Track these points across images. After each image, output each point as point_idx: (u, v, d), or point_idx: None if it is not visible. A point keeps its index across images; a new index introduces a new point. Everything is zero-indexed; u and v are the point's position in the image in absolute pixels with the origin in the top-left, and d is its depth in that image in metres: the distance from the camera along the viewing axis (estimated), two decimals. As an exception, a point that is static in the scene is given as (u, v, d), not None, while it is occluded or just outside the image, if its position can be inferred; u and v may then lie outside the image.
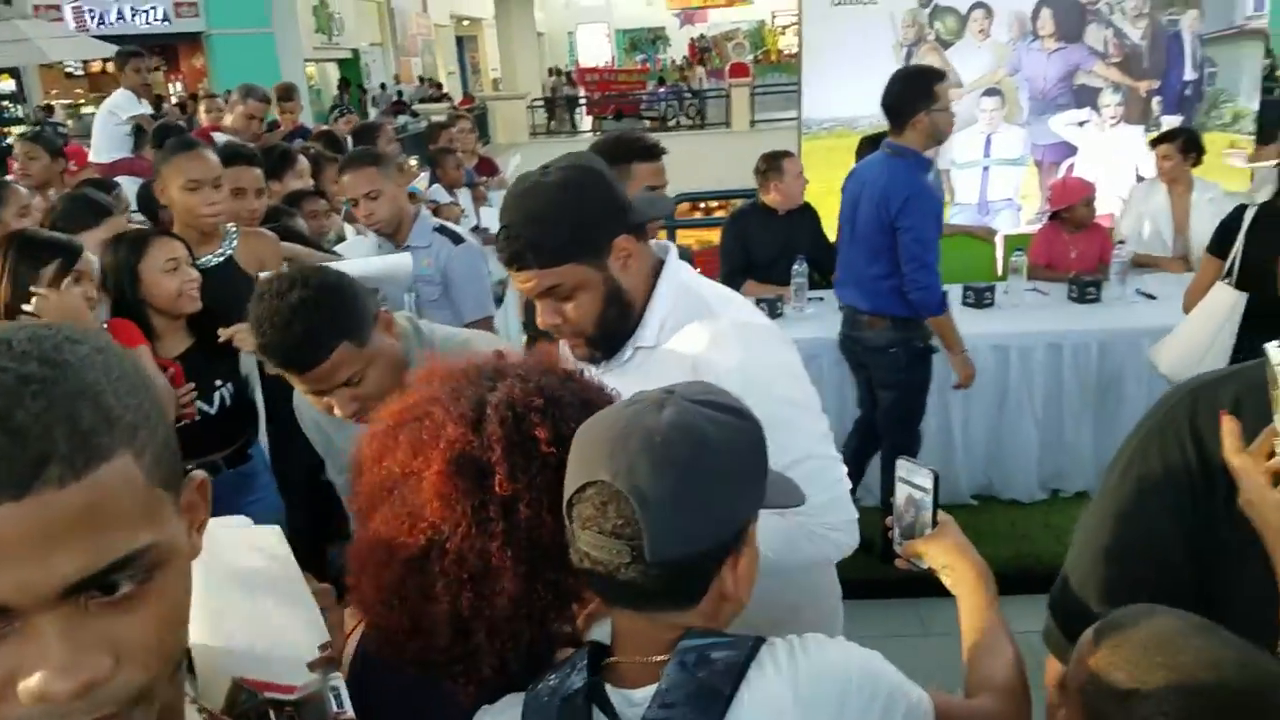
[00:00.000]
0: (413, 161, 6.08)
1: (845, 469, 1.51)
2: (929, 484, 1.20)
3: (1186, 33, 5.30)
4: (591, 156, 1.53)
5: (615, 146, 2.41)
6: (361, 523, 1.01)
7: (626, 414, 0.92)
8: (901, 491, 1.23)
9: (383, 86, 21.26)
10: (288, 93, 5.90)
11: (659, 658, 0.90)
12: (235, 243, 2.79)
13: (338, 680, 0.79)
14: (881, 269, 3.13)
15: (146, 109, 5.55)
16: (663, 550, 0.86)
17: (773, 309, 4.01)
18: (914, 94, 3.01)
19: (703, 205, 10.49)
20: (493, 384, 1.00)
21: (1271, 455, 0.96)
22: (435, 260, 3.04)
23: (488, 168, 6.41)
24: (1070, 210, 4.30)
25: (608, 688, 0.92)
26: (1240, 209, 3.05)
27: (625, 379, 1.47)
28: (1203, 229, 4.31)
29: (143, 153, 5.00)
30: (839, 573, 1.73)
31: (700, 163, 13.67)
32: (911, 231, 3.02)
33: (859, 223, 3.20)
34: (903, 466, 1.23)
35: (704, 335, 1.46)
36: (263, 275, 1.74)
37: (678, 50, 29.65)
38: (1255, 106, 5.47)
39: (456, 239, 3.12)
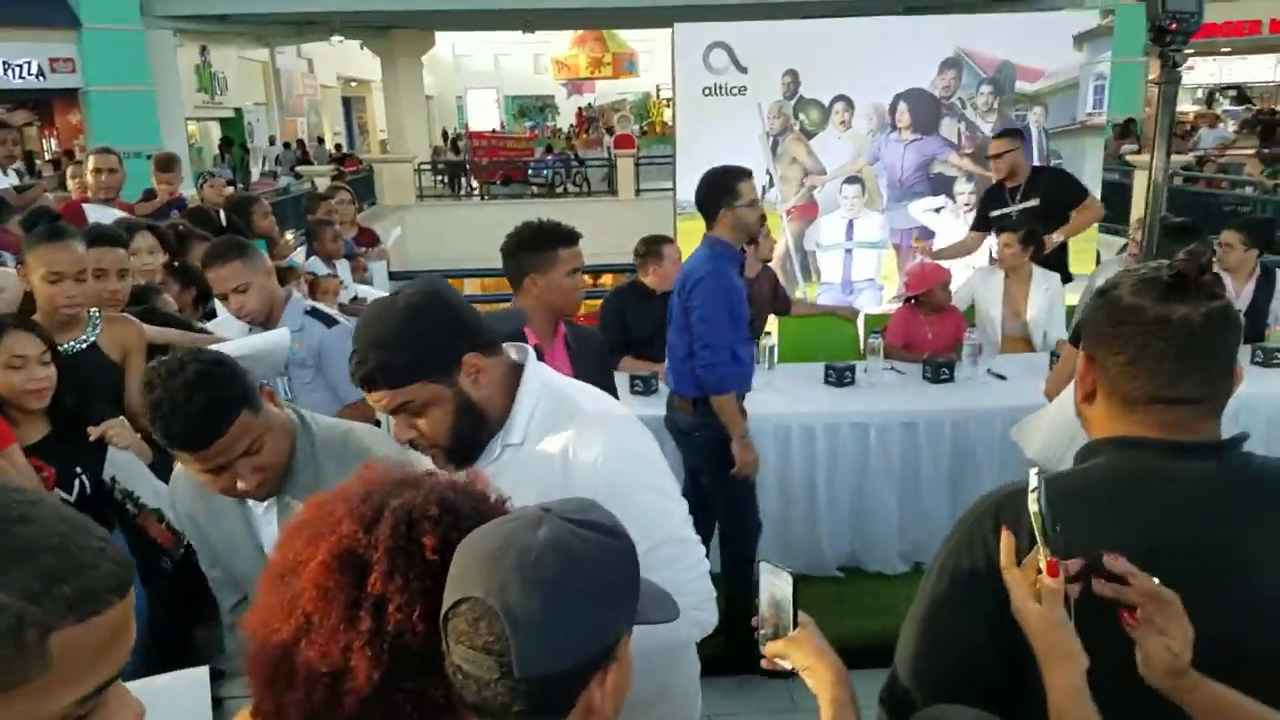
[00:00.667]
0: (289, 236, 6.03)
1: (703, 549, 1.61)
2: (789, 587, 1.25)
3: (1034, 126, 5.77)
4: (437, 280, 1.62)
5: (540, 234, 2.59)
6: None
7: (503, 531, 0.95)
8: (764, 594, 1.29)
9: (286, 145, 21.04)
10: (167, 163, 5.76)
11: None
12: (99, 328, 2.74)
13: None
14: (685, 349, 3.30)
15: (11, 180, 5.36)
16: (531, 667, 0.90)
17: (647, 385, 4.13)
18: (717, 192, 3.21)
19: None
20: (401, 492, 1.03)
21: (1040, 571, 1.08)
22: (307, 344, 3.03)
23: (368, 238, 6.39)
24: (928, 294, 4.58)
25: None
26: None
27: (496, 476, 1.56)
28: (1039, 316, 4.67)
29: (7, 226, 4.81)
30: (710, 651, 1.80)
31: (588, 229, 13.87)
32: (698, 310, 3.19)
33: (673, 307, 3.38)
34: (764, 568, 1.29)
35: (568, 431, 1.55)
36: (144, 368, 1.78)
37: (566, 119, 30.14)
38: (1098, 194, 5.97)
39: (329, 321, 3.12)
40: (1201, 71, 18.68)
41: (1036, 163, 5.68)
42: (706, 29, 5.67)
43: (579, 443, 1.53)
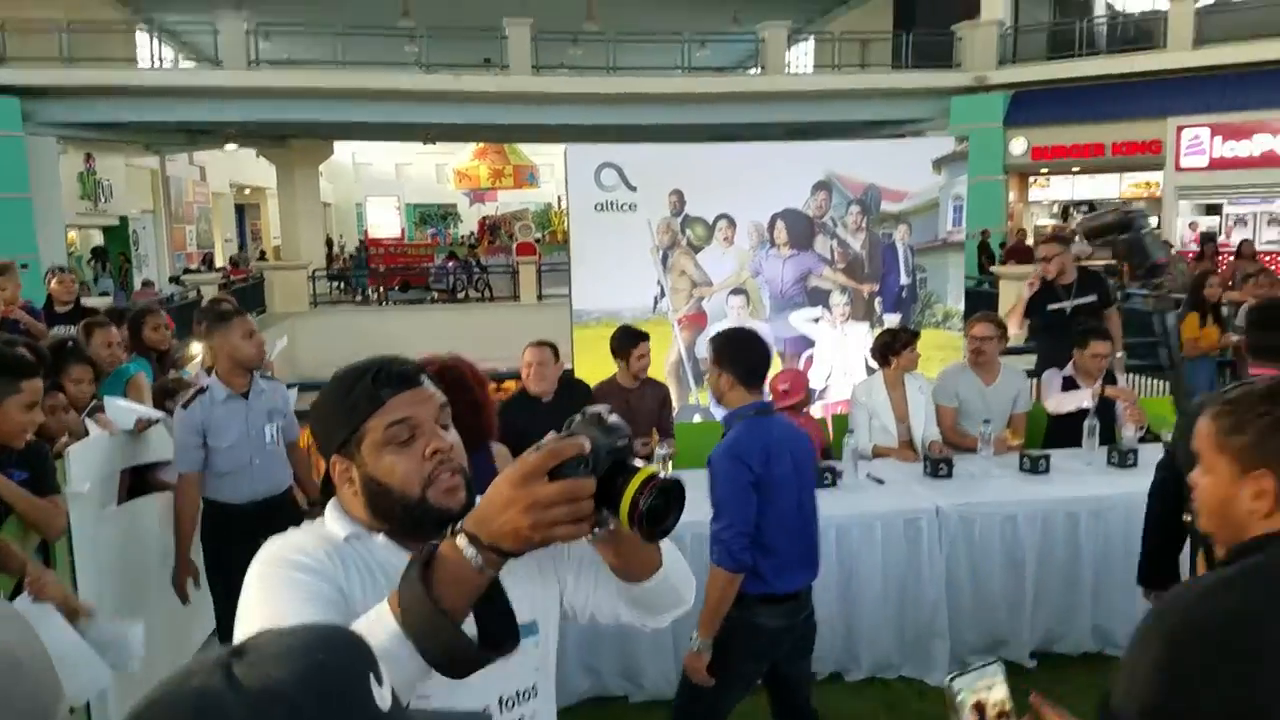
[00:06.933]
0: (195, 349, 5.78)
1: None
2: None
3: (900, 244, 6.14)
4: None
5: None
6: None
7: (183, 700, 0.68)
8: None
9: (241, 246, 20.56)
10: None
11: None
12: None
13: None
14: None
15: None
16: None
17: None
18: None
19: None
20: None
21: None
22: None
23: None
24: (803, 400, 4.74)
25: None
26: None
27: None
28: (919, 415, 4.89)
29: None
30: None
31: (492, 334, 13.94)
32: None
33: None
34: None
35: None
36: None
37: (468, 226, 30.43)
38: (961, 307, 6.35)
39: None
40: (1056, 188, 20.22)
41: (905, 279, 6.05)
42: (597, 150, 5.92)
43: None
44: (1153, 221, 17.74)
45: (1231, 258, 12.78)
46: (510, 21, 16.61)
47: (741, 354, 3.11)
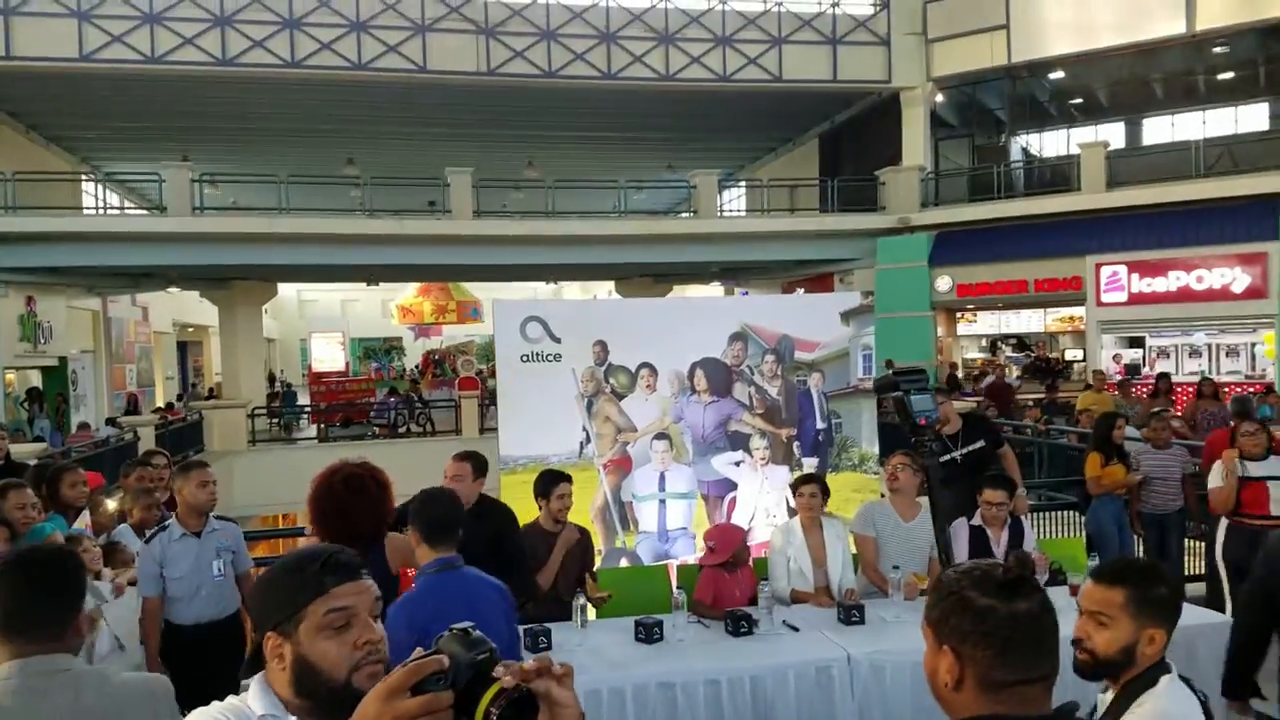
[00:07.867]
0: (110, 504, 5.76)
1: None
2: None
3: (814, 390, 6.41)
4: None
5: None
6: None
7: None
8: None
9: (188, 384, 19.94)
10: None
11: None
12: None
13: None
14: None
15: None
16: None
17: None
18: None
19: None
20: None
21: None
22: None
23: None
24: (734, 554, 4.85)
25: None
26: None
27: None
28: (836, 561, 5.02)
29: None
30: None
31: (431, 468, 13.80)
32: None
33: None
34: None
35: None
36: None
37: (413, 359, 30.56)
38: (876, 450, 6.58)
39: None
40: (983, 323, 21.07)
41: (820, 424, 6.29)
42: (523, 306, 6.18)
43: None
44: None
45: (1194, 395, 12.59)
46: (452, 171, 17.21)
47: (422, 511, 3.19)
